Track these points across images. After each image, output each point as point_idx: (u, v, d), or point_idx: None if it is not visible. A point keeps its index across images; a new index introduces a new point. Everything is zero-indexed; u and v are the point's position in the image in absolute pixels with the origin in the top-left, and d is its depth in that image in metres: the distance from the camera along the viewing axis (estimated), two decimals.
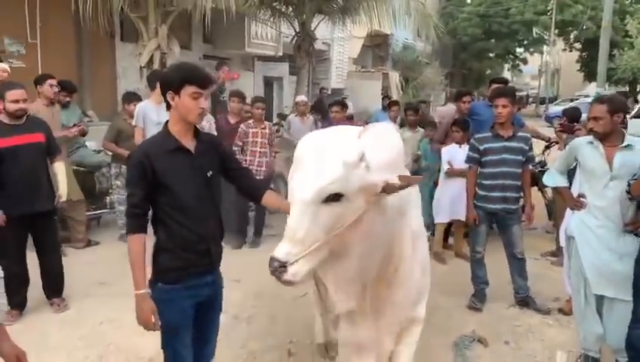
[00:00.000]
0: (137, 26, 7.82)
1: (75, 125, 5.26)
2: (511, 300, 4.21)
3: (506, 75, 41.01)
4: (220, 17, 7.67)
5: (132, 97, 5.64)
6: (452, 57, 30.97)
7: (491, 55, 33.05)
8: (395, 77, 18.43)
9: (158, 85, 3.99)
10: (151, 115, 4.80)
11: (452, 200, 5.17)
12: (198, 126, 2.32)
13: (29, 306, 3.88)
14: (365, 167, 1.86)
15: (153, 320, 2.13)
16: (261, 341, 3.52)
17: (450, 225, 5.61)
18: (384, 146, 2.09)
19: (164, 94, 2.21)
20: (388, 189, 1.88)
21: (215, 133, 5.05)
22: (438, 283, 4.42)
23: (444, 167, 5.28)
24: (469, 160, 4.18)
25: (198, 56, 12.53)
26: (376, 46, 21.67)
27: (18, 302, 3.82)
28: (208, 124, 5.12)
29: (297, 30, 11.13)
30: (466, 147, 4.95)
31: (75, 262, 4.78)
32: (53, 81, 5.04)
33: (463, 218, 4.59)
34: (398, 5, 11.20)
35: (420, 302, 2.46)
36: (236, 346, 3.43)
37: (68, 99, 5.49)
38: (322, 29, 12.25)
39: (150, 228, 2.24)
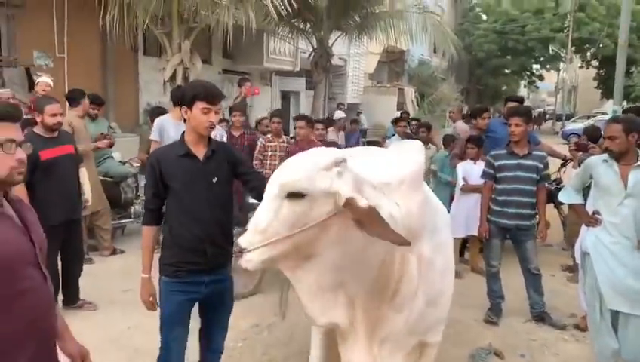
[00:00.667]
0: (161, 42, 8.06)
1: (104, 136, 5.48)
2: (527, 315, 4.26)
3: (522, 91, 41.05)
4: (240, 33, 7.89)
5: (161, 112, 5.83)
6: (468, 73, 31.05)
7: (507, 71, 33.05)
8: (410, 92, 18.57)
9: None
10: (169, 130, 4.89)
11: (467, 215, 5.24)
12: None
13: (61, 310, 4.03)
14: (338, 173, 1.84)
15: (151, 300, 2.49)
16: (282, 348, 3.62)
17: (465, 240, 5.69)
18: (403, 164, 2.11)
19: (179, 106, 2.49)
20: (350, 206, 1.78)
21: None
22: (455, 296, 4.51)
23: (460, 182, 5.36)
24: (484, 175, 4.27)
25: (217, 70, 12.81)
26: (392, 62, 21.87)
27: None
28: (220, 137, 5.23)
29: (315, 46, 11.36)
30: (480, 163, 5.05)
31: (101, 269, 4.97)
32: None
33: (477, 233, 4.66)
34: (414, 22, 11.38)
35: (432, 330, 2.37)
36: (258, 353, 3.55)
37: (96, 112, 5.71)
38: (339, 44, 12.47)
39: None
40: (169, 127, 4.94)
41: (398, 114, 11.65)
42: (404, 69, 22.38)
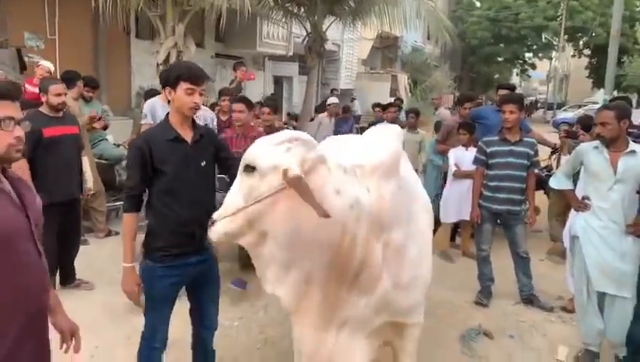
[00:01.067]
0: (155, 24, 8.01)
1: (98, 117, 5.47)
2: (516, 297, 4.36)
3: (515, 79, 41.14)
4: (234, 17, 7.85)
5: (154, 94, 5.81)
6: (461, 61, 31.09)
7: (500, 59, 33.12)
8: (403, 79, 18.59)
9: None
10: (159, 112, 4.89)
11: (459, 201, 5.32)
12: (199, 120, 2.56)
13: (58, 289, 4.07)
14: (287, 149, 1.88)
15: (136, 290, 2.41)
16: (278, 328, 3.69)
17: (457, 225, 5.78)
18: (379, 150, 2.12)
19: (163, 88, 2.47)
20: (286, 177, 1.81)
21: (215, 128, 5.22)
22: (446, 279, 4.63)
23: (452, 168, 5.43)
24: (476, 161, 4.34)
25: (210, 54, 12.74)
26: (386, 48, 21.83)
27: None
28: (210, 120, 5.20)
29: (309, 31, 11.31)
30: (472, 150, 5.12)
31: (96, 251, 5.00)
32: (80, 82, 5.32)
33: (469, 218, 4.75)
34: (409, 8, 11.34)
35: (409, 312, 2.36)
36: (254, 332, 3.62)
37: (91, 94, 5.69)
38: (333, 30, 12.42)
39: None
40: (159, 109, 4.93)
41: (391, 100, 11.68)
42: (397, 56, 22.36)
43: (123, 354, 3.21)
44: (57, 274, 4.14)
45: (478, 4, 31.89)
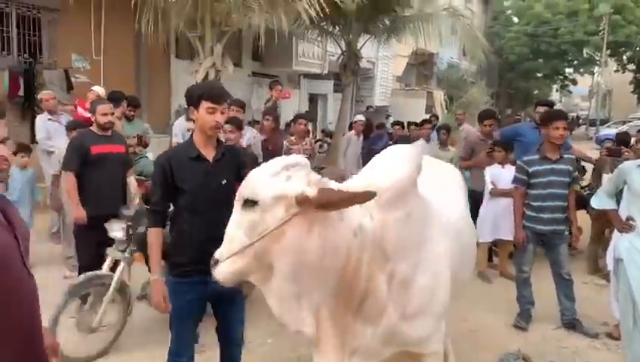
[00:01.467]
0: (194, 45, 8.23)
1: (139, 138, 5.66)
2: (557, 322, 4.20)
3: (555, 96, 40.18)
4: (270, 36, 8.00)
5: None
6: (498, 77, 30.62)
7: (539, 75, 32.46)
8: (439, 95, 18.44)
9: None
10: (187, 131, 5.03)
11: (495, 219, 5.21)
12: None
13: None
14: (286, 177, 1.83)
15: (164, 303, 2.47)
16: (310, 347, 3.65)
17: (493, 244, 5.64)
18: (384, 174, 2.03)
19: (187, 109, 2.51)
20: (304, 202, 1.76)
21: (259, 146, 5.31)
22: (483, 301, 4.51)
23: (488, 186, 5.32)
24: (516, 181, 4.23)
25: (247, 73, 12.99)
26: (421, 64, 21.77)
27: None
28: (251, 140, 5.31)
29: (343, 49, 11.41)
30: (508, 167, 5.03)
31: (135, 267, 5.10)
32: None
33: (507, 237, 4.64)
34: (444, 25, 11.31)
35: (424, 342, 2.21)
36: (286, 350, 3.61)
37: (133, 113, 5.89)
38: (367, 47, 12.48)
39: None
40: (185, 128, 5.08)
41: (427, 117, 11.60)
42: (433, 72, 22.24)
43: None
44: None
45: (515, 19, 31.47)
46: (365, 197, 1.78)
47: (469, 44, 11.77)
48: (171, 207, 2.58)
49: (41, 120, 5.49)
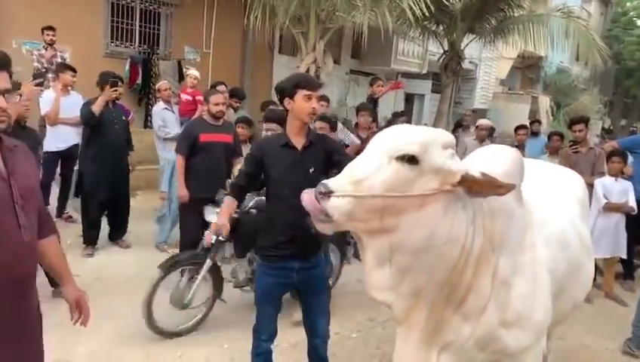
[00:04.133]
0: (297, 41, 8.46)
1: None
2: None
3: None
4: (371, 34, 8.00)
5: (270, 104, 6.19)
6: (614, 84, 28.26)
7: None
8: (545, 101, 17.41)
9: None
10: None
11: (603, 235, 4.84)
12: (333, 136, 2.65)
13: None
14: (451, 155, 1.81)
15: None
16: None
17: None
18: (497, 158, 2.09)
19: (281, 102, 2.60)
20: (467, 182, 1.74)
21: (352, 142, 5.33)
22: (584, 322, 4.21)
23: (600, 201, 4.94)
24: None
25: (345, 71, 13.10)
26: (527, 68, 20.65)
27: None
28: (343, 135, 5.36)
29: (446, 49, 11.13)
30: (621, 180, 4.71)
31: None
32: (222, 87, 5.79)
33: (618, 255, 4.33)
34: (557, 26, 10.64)
35: (517, 356, 2.09)
36: (372, 347, 3.63)
37: (238, 105, 6.20)
38: (471, 48, 12.07)
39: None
40: None
41: (530, 123, 11.00)
42: (539, 76, 21.00)
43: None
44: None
45: (639, 22, 28.81)
46: (510, 188, 1.78)
47: (583, 47, 10.96)
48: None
49: (157, 108, 5.95)
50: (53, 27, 6.75)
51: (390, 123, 7.25)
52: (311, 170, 2.58)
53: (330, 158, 2.65)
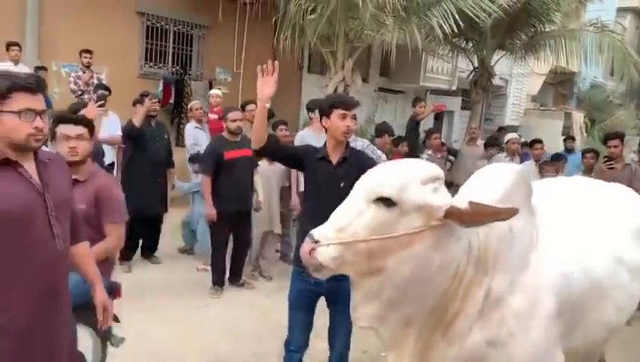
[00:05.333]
0: (326, 60, 8.56)
1: None
2: None
3: None
4: (400, 52, 8.03)
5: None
6: None
7: None
8: (579, 117, 17.04)
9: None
10: (310, 141, 5.18)
11: None
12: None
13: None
14: (433, 189, 1.80)
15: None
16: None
17: None
18: (494, 181, 2.05)
19: (320, 120, 2.76)
20: (453, 216, 1.73)
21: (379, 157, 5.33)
22: (618, 343, 4.02)
23: None
24: None
25: (374, 88, 13.14)
26: (559, 83, 20.28)
27: (216, 281, 4.64)
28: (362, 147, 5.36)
29: (475, 65, 11.05)
30: None
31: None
32: (252, 106, 5.87)
33: None
34: (590, 41, 10.45)
35: None
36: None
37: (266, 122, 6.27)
38: (501, 64, 11.96)
39: None
40: (310, 139, 5.26)
41: (564, 140, 10.77)
42: (572, 92, 20.60)
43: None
44: (227, 274, 4.81)
45: None
46: (510, 213, 1.73)
47: (618, 62, 10.73)
48: None
49: (189, 127, 6.08)
50: (90, 50, 7.00)
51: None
52: (342, 184, 2.60)
53: (363, 173, 2.69)
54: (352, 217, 1.81)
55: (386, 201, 1.77)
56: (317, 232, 1.85)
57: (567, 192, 2.64)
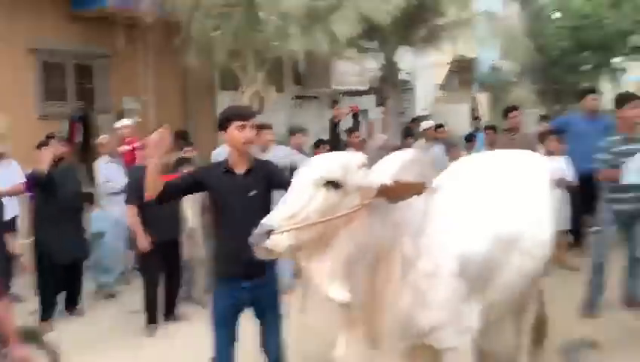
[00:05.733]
0: (238, 75, 8.52)
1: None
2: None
3: (606, 87, 38.45)
4: (308, 59, 8.16)
5: None
6: (543, 74, 29.72)
7: (586, 68, 31.18)
8: (483, 99, 18.13)
9: None
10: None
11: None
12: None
13: None
14: (365, 173, 2.11)
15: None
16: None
17: None
18: (389, 164, 2.32)
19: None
20: (384, 193, 2.02)
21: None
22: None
23: None
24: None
25: (290, 97, 13.23)
26: (462, 70, 21.47)
27: (150, 319, 4.56)
28: (283, 155, 5.44)
29: (382, 63, 11.46)
30: (556, 158, 5.18)
31: None
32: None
33: (564, 228, 4.70)
34: (482, 29, 11.17)
35: (437, 334, 2.26)
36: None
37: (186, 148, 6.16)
38: (406, 59, 12.47)
39: None
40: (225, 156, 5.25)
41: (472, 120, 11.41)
42: (475, 77, 21.89)
43: None
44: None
45: (558, 14, 30.50)
46: (420, 186, 2.04)
47: (509, 45, 11.55)
48: None
49: (101, 163, 5.80)
50: None
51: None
52: (251, 193, 2.66)
53: (271, 182, 2.74)
54: (304, 202, 1.97)
55: (334, 184, 2.00)
56: (270, 220, 1.96)
57: (472, 167, 2.97)
